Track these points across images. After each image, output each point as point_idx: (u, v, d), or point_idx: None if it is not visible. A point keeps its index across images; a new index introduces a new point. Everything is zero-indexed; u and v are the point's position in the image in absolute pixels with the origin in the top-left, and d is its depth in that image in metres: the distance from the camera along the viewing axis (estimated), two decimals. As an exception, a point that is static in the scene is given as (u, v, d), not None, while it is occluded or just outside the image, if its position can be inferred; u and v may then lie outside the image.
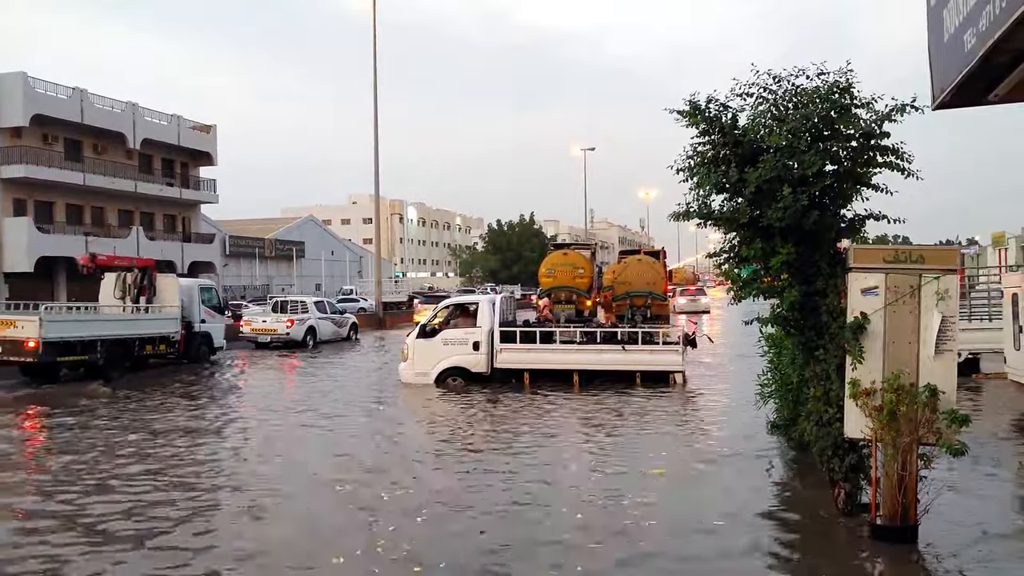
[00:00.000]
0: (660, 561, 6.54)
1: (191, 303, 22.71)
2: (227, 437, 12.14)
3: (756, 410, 10.94)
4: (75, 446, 11.42)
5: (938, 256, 6.90)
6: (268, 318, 27.97)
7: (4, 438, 12.24)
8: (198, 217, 52.07)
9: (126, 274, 21.96)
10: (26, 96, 37.46)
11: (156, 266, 23.19)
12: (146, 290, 21.69)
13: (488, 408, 14.15)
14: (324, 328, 28.88)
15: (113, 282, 21.92)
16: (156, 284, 22.02)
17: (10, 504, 8.38)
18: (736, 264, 8.09)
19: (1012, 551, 6.71)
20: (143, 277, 21.85)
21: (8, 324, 17.77)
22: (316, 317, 28.48)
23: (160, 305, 21.62)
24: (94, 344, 18.67)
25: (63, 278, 40.25)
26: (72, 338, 18.19)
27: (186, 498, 8.42)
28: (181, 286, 22.65)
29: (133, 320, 20.65)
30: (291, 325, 27.23)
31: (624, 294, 25.69)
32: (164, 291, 22.00)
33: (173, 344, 21.50)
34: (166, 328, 21.29)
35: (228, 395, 17.28)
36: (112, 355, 19.17)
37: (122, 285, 21.85)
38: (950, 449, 6.42)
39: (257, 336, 27.58)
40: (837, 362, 7.11)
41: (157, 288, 21.95)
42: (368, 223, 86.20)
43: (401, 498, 8.32)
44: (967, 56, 3.71)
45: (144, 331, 20.59)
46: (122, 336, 19.72)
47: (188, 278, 26.10)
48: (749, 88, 7.65)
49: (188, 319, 22.35)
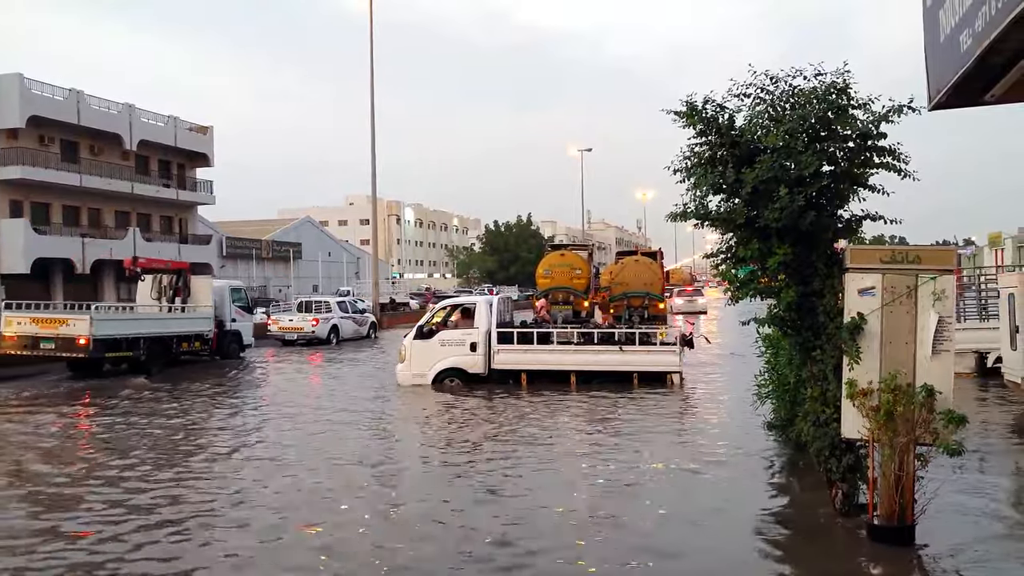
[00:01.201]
0: (656, 561, 6.53)
1: (222, 303, 23.94)
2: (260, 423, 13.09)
3: (753, 411, 10.94)
4: (147, 429, 12.81)
5: (934, 256, 6.91)
6: (294, 317, 29.64)
7: (81, 424, 13.63)
8: (195, 218, 51.99)
9: (162, 276, 23.44)
10: (22, 97, 37.37)
11: (190, 268, 24.69)
12: (181, 291, 23.02)
13: (487, 408, 14.15)
14: (346, 327, 30.49)
15: (150, 284, 23.34)
16: (190, 285, 23.36)
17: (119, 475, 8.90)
18: (733, 265, 8.10)
19: (1009, 551, 6.73)
20: (178, 279, 23.25)
21: (61, 322, 19.30)
22: (339, 316, 30.23)
23: (194, 305, 22.85)
24: (137, 341, 20.10)
25: (59, 279, 40.16)
26: (118, 335, 19.65)
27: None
28: (214, 287, 24.02)
29: (171, 319, 22.08)
30: (316, 324, 28.88)
31: (621, 295, 25.74)
32: (198, 292, 23.34)
33: (207, 342, 22.75)
34: (201, 327, 22.55)
35: (272, 386, 18.68)
36: (153, 351, 20.55)
37: (158, 286, 23.28)
38: (947, 449, 6.43)
39: (284, 334, 29.21)
40: (834, 362, 7.12)
41: (191, 289, 23.26)
42: (365, 224, 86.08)
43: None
44: (963, 57, 3.72)
45: (181, 329, 21.97)
46: (162, 334, 21.17)
47: (219, 280, 27.71)
48: (746, 89, 7.64)
49: (220, 318, 23.58)
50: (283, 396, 16.47)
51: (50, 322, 19.44)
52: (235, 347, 24.43)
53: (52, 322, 19.43)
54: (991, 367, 15.57)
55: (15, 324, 19.50)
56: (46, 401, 16.17)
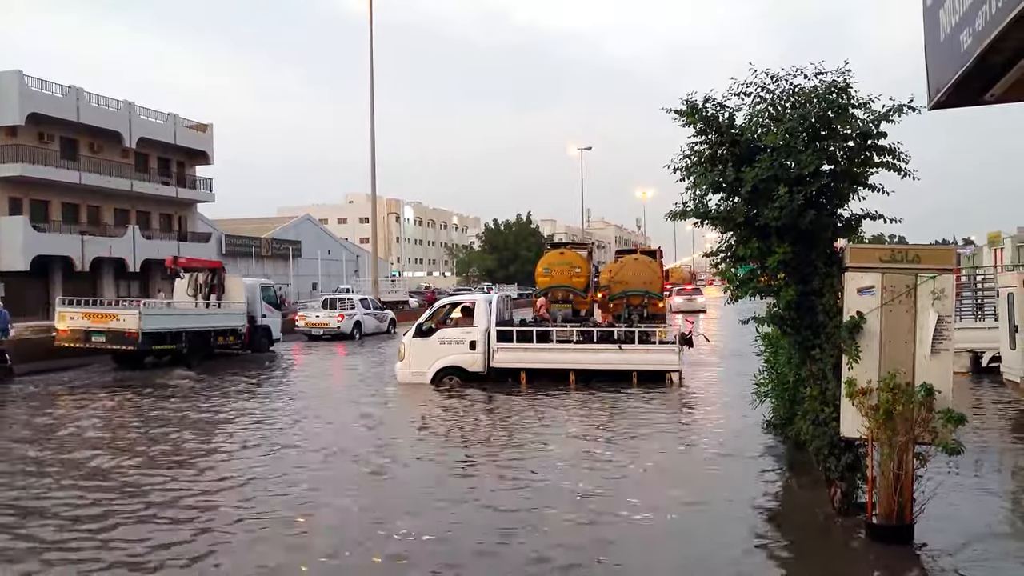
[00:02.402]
0: (654, 559, 6.54)
1: (254, 300, 25.37)
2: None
3: (752, 409, 10.95)
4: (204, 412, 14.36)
5: (934, 256, 6.91)
6: (320, 314, 31.13)
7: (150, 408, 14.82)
8: (194, 216, 51.99)
9: (198, 274, 24.90)
10: (22, 94, 37.37)
11: (223, 267, 26.26)
12: (216, 288, 24.45)
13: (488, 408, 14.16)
14: (368, 322, 31.96)
15: (187, 281, 24.74)
16: (224, 283, 24.83)
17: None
18: (733, 263, 8.10)
19: (1008, 550, 6.73)
20: (213, 277, 24.73)
21: (112, 317, 20.73)
22: (362, 313, 31.70)
23: (229, 302, 24.35)
24: (180, 335, 21.48)
25: (59, 277, 40.15)
26: (163, 329, 21.08)
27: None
28: (246, 285, 25.53)
29: (210, 315, 23.57)
30: (342, 320, 30.34)
31: (621, 293, 25.68)
32: (231, 290, 24.86)
33: (240, 336, 24.12)
34: (235, 322, 23.98)
35: (305, 377, 20.31)
36: (193, 345, 21.89)
37: (194, 284, 24.70)
38: (946, 448, 6.44)
39: (311, 330, 30.51)
40: (833, 361, 7.12)
41: (225, 287, 24.73)
42: (365, 222, 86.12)
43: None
44: (963, 56, 3.71)
45: (218, 324, 23.46)
46: (201, 328, 22.65)
47: (251, 278, 29.03)
48: (747, 88, 7.64)
49: (251, 314, 24.97)
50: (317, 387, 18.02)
51: (102, 317, 20.77)
52: (265, 341, 25.73)
53: (103, 317, 20.77)
54: (986, 366, 15.61)
55: (68, 319, 20.74)
56: (117, 387, 17.63)
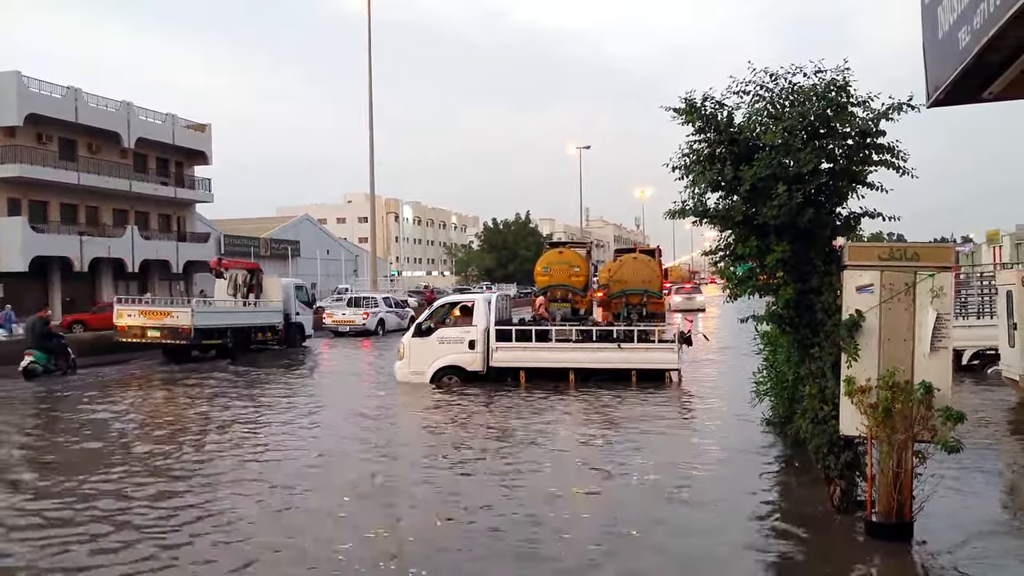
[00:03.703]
0: (653, 558, 6.54)
1: (288, 299, 27.34)
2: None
3: (752, 408, 10.95)
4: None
5: (933, 254, 6.90)
6: (347, 311, 33.24)
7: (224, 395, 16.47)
8: (193, 216, 51.92)
9: (237, 274, 26.70)
10: (20, 95, 37.28)
11: (261, 268, 28.43)
12: (255, 288, 26.44)
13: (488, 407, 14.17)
14: (390, 319, 33.65)
15: (227, 281, 26.46)
16: (262, 283, 26.89)
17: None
18: (732, 262, 8.10)
19: (1007, 548, 6.74)
20: (252, 277, 26.69)
21: (166, 314, 22.78)
22: (385, 311, 33.52)
23: (267, 300, 26.39)
24: (225, 331, 23.67)
25: (57, 278, 40.11)
26: (211, 326, 23.12)
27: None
28: (282, 284, 27.56)
29: (251, 313, 25.75)
30: (367, 317, 32.32)
31: (620, 292, 25.70)
32: (268, 289, 26.98)
33: (277, 332, 26.26)
34: (272, 319, 26.20)
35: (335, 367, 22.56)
36: (237, 340, 24.00)
37: (234, 284, 26.41)
38: (945, 446, 6.44)
39: (338, 327, 32.34)
40: (832, 359, 7.12)
41: (263, 287, 26.80)
42: (364, 222, 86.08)
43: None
44: (962, 53, 3.72)
45: (258, 321, 25.70)
46: (243, 325, 24.86)
47: (286, 279, 30.67)
48: (746, 86, 7.64)
49: (286, 312, 26.99)
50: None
51: (157, 314, 22.77)
52: (298, 337, 27.61)
53: (158, 314, 22.76)
54: (965, 364, 15.66)
55: (126, 316, 22.72)
56: (182, 376, 19.56)
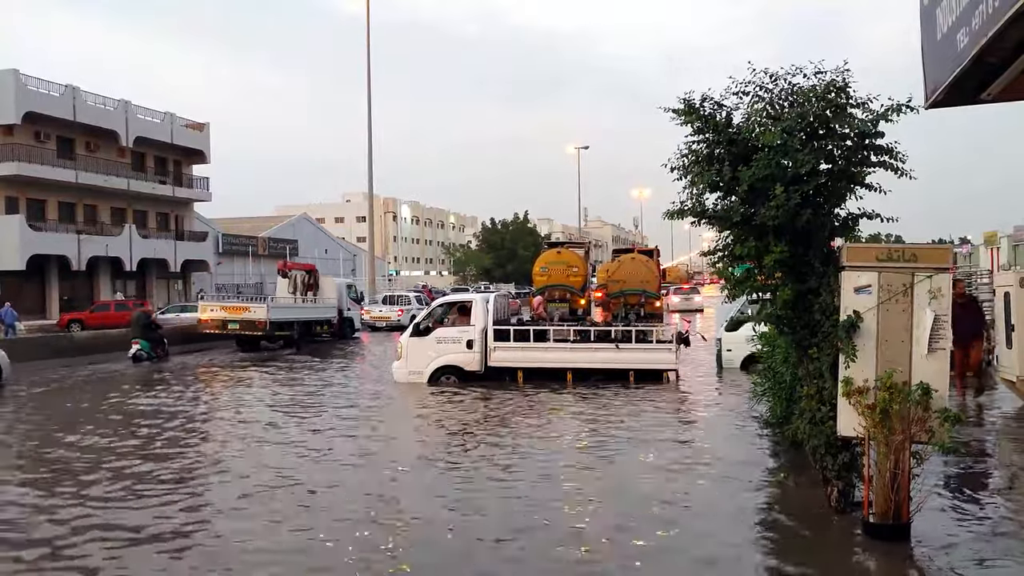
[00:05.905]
0: (652, 558, 6.54)
1: (341, 296, 31.04)
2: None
3: (749, 408, 10.95)
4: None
5: (931, 255, 6.90)
6: (383, 309, 37.06)
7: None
8: (191, 215, 51.92)
9: (298, 275, 29.99)
10: (18, 93, 37.30)
11: (317, 269, 32.10)
12: (312, 287, 29.76)
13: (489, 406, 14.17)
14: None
15: (289, 281, 29.57)
16: (319, 282, 30.25)
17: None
18: (730, 263, 8.10)
19: (1004, 549, 6.74)
20: (310, 277, 30.13)
21: (244, 309, 25.51)
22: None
23: (324, 298, 29.80)
24: (292, 324, 26.72)
25: (55, 276, 40.10)
26: (282, 319, 26.09)
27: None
28: (336, 283, 31.38)
29: (312, 308, 29.07)
30: (401, 314, 35.38)
31: (618, 292, 25.73)
32: (325, 288, 30.40)
33: (332, 326, 29.68)
34: (329, 314, 29.64)
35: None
36: (301, 332, 27.03)
37: (295, 283, 29.50)
38: (942, 447, 6.44)
39: (375, 323, 35.86)
40: (830, 360, 7.12)
41: (320, 285, 30.14)
42: (362, 221, 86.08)
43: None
44: (960, 55, 3.72)
45: (318, 316, 29.05)
46: (308, 319, 28.26)
47: (339, 278, 35.04)
48: (745, 87, 7.64)
49: (340, 307, 30.54)
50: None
51: (236, 309, 25.47)
52: (349, 330, 31.32)
53: (238, 309, 25.46)
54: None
55: (208, 310, 25.54)
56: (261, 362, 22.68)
